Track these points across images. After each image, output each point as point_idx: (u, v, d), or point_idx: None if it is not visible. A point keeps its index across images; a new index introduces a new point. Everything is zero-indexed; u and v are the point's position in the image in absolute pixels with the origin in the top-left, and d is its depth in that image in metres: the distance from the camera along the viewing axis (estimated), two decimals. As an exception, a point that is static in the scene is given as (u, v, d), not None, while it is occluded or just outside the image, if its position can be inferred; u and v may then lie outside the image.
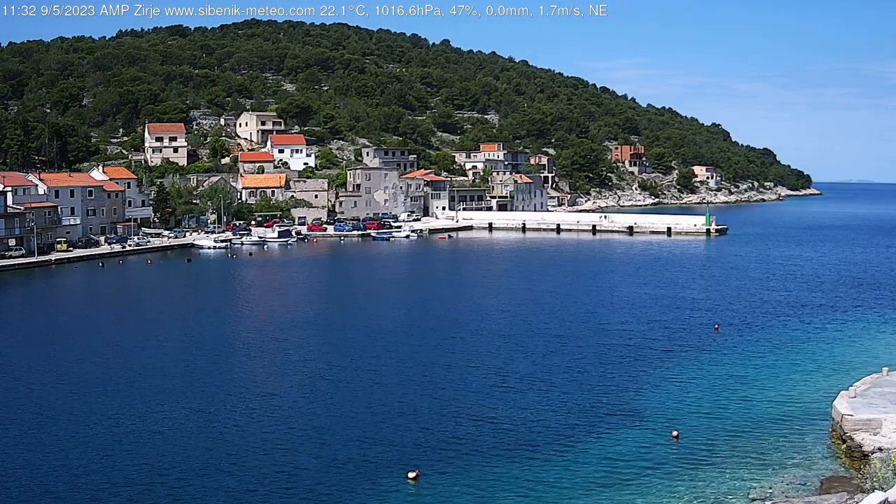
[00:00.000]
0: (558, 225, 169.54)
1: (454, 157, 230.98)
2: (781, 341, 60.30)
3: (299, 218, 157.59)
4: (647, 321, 68.42)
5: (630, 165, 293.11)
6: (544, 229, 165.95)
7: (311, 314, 73.72)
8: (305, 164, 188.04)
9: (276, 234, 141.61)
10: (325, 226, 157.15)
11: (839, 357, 54.52)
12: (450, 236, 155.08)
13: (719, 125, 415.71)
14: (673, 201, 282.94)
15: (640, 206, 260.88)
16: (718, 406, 44.23)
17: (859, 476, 32.43)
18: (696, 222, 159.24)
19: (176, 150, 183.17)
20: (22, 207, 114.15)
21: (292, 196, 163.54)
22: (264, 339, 62.33)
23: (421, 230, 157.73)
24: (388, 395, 46.49)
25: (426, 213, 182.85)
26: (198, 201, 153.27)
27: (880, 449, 34.08)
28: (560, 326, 66.35)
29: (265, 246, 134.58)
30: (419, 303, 79.64)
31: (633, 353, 56.65)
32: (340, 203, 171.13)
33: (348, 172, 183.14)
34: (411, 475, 34.49)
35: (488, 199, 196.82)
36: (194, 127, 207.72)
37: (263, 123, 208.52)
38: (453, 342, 60.19)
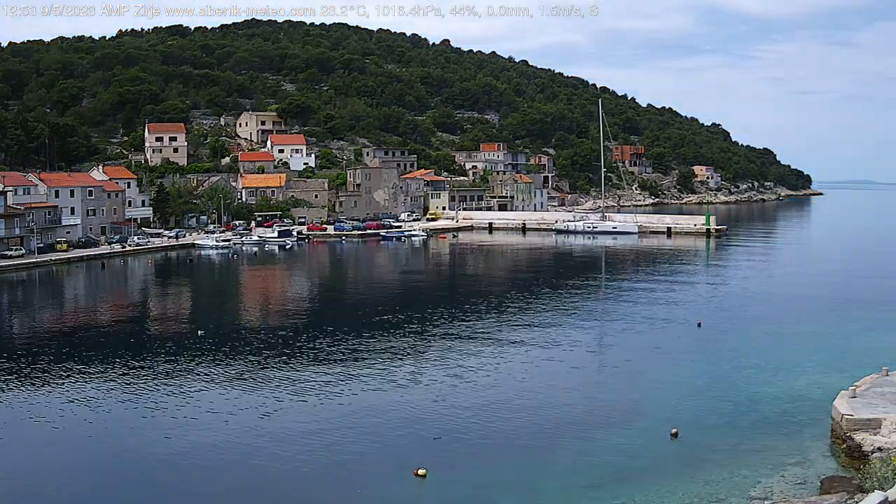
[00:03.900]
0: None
1: (454, 157, 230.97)
2: (782, 340, 60.29)
3: (299, 218, 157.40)
4: (647, 318, 68.43)
5: (630, 165, 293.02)
6: (544, 229, 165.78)
7: (324, 313, 73.73)
8: (305, 164, 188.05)
9: (276, 234, 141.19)
10: (324, 226, 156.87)
11: (839, 357, 54.48)
12: (454, 236, 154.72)
13: (719, 125, 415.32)
14: (673, 201, 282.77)
15: (641, 205, 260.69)
16: (718, 405, 44.22)
17: (859, 476, 32.39)
18: (696, 222, 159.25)
19: (176, 150, 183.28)
20: (22, 207, 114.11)
21: (292, 196, 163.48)
22: (275, 337, 62.35)
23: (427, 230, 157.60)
24: (397, 394, 46.56)
25: (426, 213, 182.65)
26: (198, 201, 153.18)
27: (880, 449, 34.06)
28: (559, 324, 66.38)
29: (265, 246, 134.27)
30: (424, 303, 79.64)
31: (633, 350, 56.68)
32: (340, 203, 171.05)
33: (348, 172, 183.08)
34: (420, 472, 34.60)
35: (488, 199, 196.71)
36: (194, 127, 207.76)
37: (263, 123, 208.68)
38: (457, 342, 60.23)
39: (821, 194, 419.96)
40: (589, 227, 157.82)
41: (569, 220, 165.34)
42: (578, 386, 48.45)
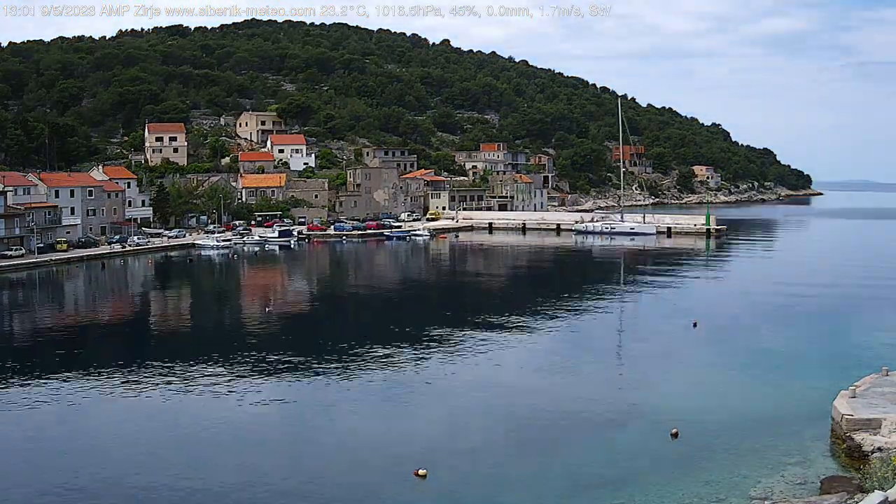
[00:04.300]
0: (558, 225, 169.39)
1: (454, 157, 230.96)
2: (782, 340, 60.29)
3: (299, 218, 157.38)
4: (646, 318, 68.46)
5: (630, 165, 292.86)
6: (544, 229, 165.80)
7: (325, 312, 73.77)
8: (305, 164, 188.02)
9: (276, 235, 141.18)
10: (324, 226, 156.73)
11: (839, 357, 54.47)
12: (456, 236, 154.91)
13: (719, 125, 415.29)
14: (673, 201, 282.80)
15: (641, 205, 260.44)
16: (718, 405, 44.20)
17: (859, 476, 32.41)
18: (696, 222, 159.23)
19: (176, 150, 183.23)
20: (22, 207, 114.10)
21: (292, 196, 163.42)
22: (275, 335, 62.37)
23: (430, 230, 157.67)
24: (397, 393, 46.64)
25: (426, 213, 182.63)
26: (198, 201, 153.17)
27: (880, 449, 34.07)
28: (557, 324, 66.41)
29: (266, 246, 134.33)
30: (425, 303, 79.69)
31: (632, 350, 56.71)
32: (340, 203, 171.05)
33: (348, 172, 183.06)
34: (420, 472, 34.61)
35: (488, 199, 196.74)
36: (194, 127, 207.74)
37: (263, 123, 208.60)
38: (457, 342, 60.24)
39: (821, 194, 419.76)
40: (607, 228, 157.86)
41: (588, 221, 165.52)
42: (578, 386, 48.44)
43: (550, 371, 51.77)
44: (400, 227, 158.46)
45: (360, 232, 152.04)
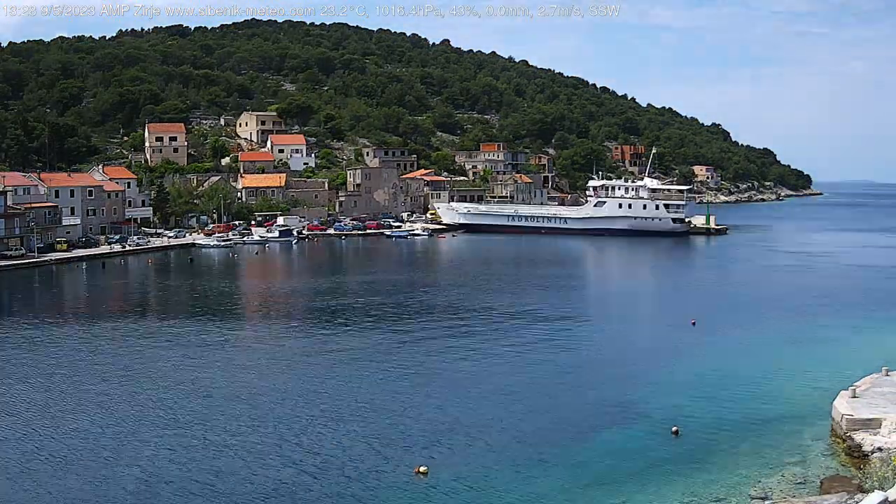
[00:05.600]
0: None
1: (454, 157, 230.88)
2: (782, 340, 60.30)
3: (299, 218, 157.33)
4: (645, 318, 68.48)
5: (630, 165, 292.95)
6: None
7: (325, 310, 73.78)
8: (305, 164, 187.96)
9: (276, 234, 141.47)
10: (323, 226, 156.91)
11: (839, 357, 54.46)
12: (453, 235, 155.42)
13: (719, 125, 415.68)
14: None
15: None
16: (718, 404, 44.22)
17: (859, 475, 32.43)
18: (696, 222, 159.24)
19: (176, 150, 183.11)
20: (22, 207, 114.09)
21: (292, 196, 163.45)
22: (275, 334, 62.41)
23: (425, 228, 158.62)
24: (398, 391, 46.68)
25: (426, 213, 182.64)
26: (198, 201, 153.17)
27: (880, 449, 34.10)
28: (557, 322, 66.41)
29: (266, 245, 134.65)
30: (425, 302, 79.65)
31: (632, 350, 56.72)
32: (340, 203, 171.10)
33: (348, 172, 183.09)
34: (421, 469, 34.63)
35: (488, 198, 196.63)
36: (194, 127, 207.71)
37: (263, 123, 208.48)
38: (457, 341, 60.27)
39: (820, 194, 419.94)
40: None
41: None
42: (578, 385, 48.45)
43: (551, 369, 51.76)
44: (400, 226, 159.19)
45: (360, 231, 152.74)
